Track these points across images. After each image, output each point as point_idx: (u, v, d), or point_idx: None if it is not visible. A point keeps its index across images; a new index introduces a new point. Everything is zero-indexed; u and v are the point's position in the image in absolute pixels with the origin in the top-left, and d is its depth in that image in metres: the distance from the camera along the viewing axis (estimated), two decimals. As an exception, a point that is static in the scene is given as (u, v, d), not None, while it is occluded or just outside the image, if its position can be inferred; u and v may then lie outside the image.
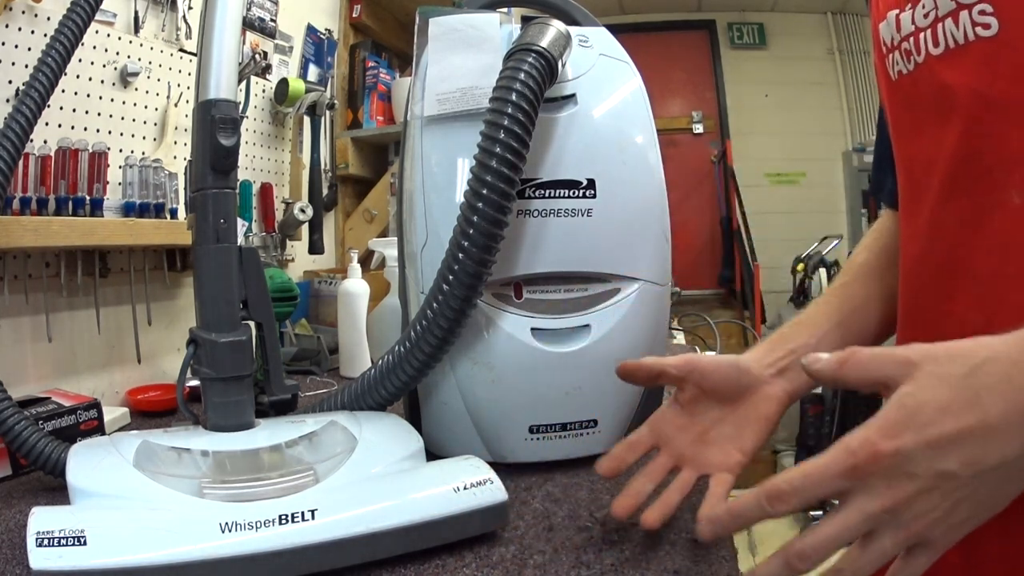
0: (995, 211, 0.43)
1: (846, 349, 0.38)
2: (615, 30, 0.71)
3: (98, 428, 0.74)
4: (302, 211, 1.33)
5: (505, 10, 0.77)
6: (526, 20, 0.67)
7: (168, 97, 1.09)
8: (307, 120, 1.41)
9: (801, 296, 3.79)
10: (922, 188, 0.49)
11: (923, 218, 0.49)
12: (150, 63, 1.05)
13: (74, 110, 0.94)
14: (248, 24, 1.31)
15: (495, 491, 0.52)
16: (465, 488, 0.51)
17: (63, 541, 0.41)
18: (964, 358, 0.34)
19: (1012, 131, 0.42)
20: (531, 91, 0.56)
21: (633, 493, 0.50)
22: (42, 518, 0.43)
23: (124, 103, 1.01)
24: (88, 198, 0.90)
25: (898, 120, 0.52)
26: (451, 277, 0.58)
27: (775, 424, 0.52)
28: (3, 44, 0.84)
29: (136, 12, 1.04)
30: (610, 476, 0.52)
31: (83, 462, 0.51)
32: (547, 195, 0.63)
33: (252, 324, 0.63)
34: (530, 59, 0.57)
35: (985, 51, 0.42)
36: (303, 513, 0.46)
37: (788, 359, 0.53)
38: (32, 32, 0.87)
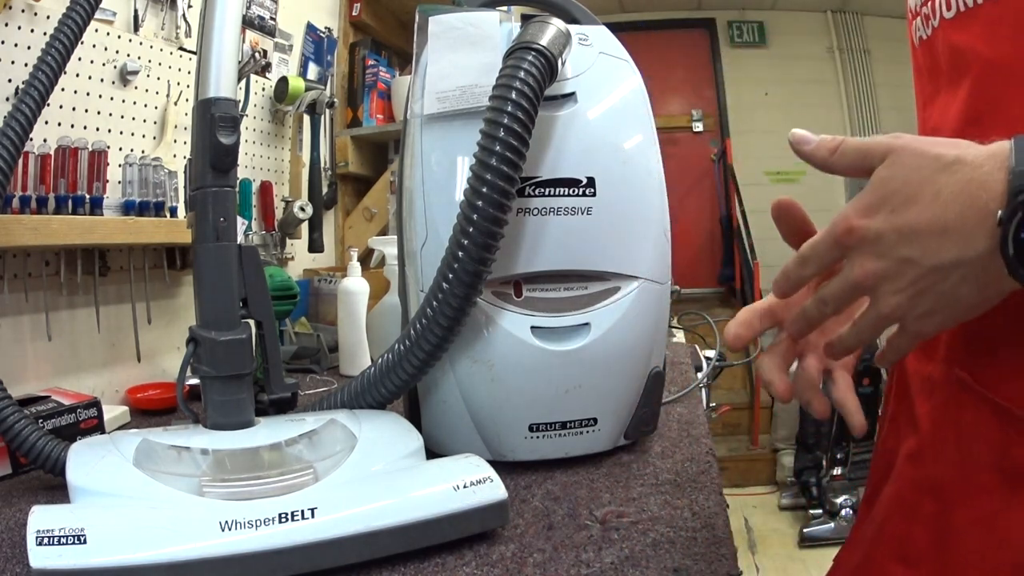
0: None
1: (835, 138, 0.41)
2: (615, 28, 0.71)
3: (98, 427, 0.74)
4: (302, 209, 1.33)
5: (505, 8, 0.76)
6: (526, 18, 0.67)
7: (168, 95, 1.09)
8: (307, 118, 1.41)
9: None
10: None
11: None
12: (150, 61, 1.05)
13: (74, 109, 0.94)
14: (248, 22, 1.31)
15: (495, 489, 0.52)
16: (465, 486, 0.51)
17: (63, 540, 0.41)
18: (938, 156, 0.36)
19: (1012, 93, 0.41)
20: (531, 89, 0.56)
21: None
22: (42, 517, 0.43)
23: (124, 101, 1.01)
24: (88, 196, 0.90)
25: (921, 90, 0.51)
26: (451, 275, 0.58)
27: None
28: (3, 43, 0.84)
29: (136, 10, 1.04)
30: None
31: (83, 461, 0.51)
32: (547, 193, 0.63)
33: (252, 322, 0.63)
34: (530, 57, 0.57)
35: (991, 13, 0.42)
36: (303, 511, 0.46)
37: None
38: (32, 31, 0.86)
